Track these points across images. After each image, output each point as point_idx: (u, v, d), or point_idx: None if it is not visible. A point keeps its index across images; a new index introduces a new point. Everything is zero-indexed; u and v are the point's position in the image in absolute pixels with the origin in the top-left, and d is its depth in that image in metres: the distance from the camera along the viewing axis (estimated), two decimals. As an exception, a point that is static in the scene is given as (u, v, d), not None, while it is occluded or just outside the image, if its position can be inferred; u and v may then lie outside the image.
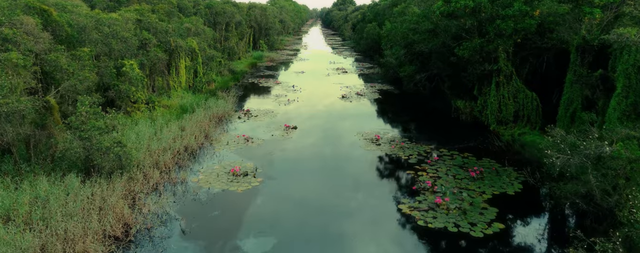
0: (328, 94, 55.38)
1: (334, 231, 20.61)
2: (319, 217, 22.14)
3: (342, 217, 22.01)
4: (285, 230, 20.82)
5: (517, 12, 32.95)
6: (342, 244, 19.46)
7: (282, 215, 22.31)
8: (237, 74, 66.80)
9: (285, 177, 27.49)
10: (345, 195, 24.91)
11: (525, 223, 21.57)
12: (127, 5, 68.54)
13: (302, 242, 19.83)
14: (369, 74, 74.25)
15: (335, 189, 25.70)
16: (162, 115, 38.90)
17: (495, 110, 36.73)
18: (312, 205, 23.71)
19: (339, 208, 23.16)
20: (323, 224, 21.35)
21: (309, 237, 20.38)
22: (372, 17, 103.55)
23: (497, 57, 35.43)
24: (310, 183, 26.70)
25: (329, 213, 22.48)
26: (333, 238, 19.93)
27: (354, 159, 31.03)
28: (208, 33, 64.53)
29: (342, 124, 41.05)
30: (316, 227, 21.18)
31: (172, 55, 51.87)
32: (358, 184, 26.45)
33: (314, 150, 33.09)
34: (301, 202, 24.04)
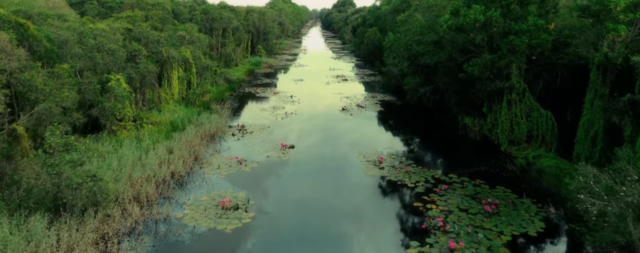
0: (328, 106, 52.61)
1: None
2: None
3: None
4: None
5: (532, 26, 30.19)
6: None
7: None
8: (234, 83, 64.01)
9: (280, 211, 24.73)
10: (347, 233, 22.17)
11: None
12: (119, 12, 65.82)
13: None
14: (370, 82, 71.47)
15: (335, 227, 22.95)
16: (150, 133, 36.11)
17: (507, 129, 33.96)
18: (308, 248, 20.95)
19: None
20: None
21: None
22: (373, 22, 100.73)
23: (509, 74, 32.65)
24: (307, 219, 23.96)
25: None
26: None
27: (355, 187, 28.26)
28: (203, 41, 61.75)
29: (342, 141, 38.28)
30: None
31: (164, 66, 49.14)
32: (361, 220, 23.70)
33: (311, 176, 30.32)
34: (296, 244, 21.27)
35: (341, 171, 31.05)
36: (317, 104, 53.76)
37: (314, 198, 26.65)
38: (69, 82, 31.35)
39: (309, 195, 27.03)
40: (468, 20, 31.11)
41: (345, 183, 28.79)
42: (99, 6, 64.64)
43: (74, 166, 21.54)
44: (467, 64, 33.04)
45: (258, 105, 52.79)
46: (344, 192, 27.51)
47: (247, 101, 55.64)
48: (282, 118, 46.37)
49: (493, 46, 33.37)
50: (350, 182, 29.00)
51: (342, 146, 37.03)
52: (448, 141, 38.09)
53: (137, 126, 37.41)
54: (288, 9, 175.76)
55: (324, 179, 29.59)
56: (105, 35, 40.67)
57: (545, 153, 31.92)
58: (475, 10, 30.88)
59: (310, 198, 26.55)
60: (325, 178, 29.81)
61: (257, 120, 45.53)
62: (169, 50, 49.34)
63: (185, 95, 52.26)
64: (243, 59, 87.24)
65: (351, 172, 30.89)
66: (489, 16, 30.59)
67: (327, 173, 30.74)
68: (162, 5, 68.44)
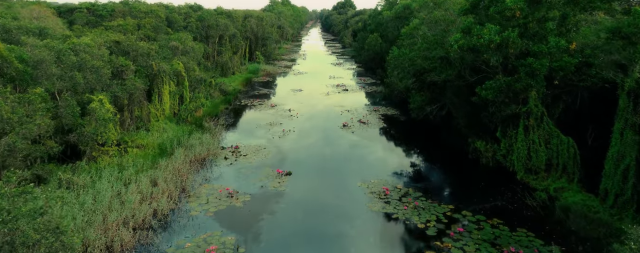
0: (327, 121, 49.46)
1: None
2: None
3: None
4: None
5: (553, 48, 27.01)
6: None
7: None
8: (229, 94, 60.84)
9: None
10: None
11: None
12: (110, 20, 62.72)
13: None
14: (372, 92, 68.30)
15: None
16: (134, 159, 32.97)
17: (524, 157, 30.81)
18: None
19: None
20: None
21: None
22: (373, 28, 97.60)
23: (527, 98, 29.49)
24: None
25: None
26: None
27: (358, 230, 25.10)
28: (198, 51, 58.56)
29: (343, 166, 35.13)
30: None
31: (155, 80, 46.00)
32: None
33: (309, 214, 27.14)
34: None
35: (342, 207, 27.87)
36: (317, 119, 50.61)
37: (311, 244, 23.50)
38: (42, 107, 28.25)
39: (306, 241, 23.89)
40: (482, 41, 27.90)
41: (346, 225, 25.62)
42: (89, 14, 61.53)
43: (32, 218, 18.38)
44: (480, 87, 29.88)
45: (254, 121, 49.61)
46: (345, 236, 24.35)
47: (243, 116, 52.47)
48: (279, 137, 43.21)
49: (508, 67, 30.22)
50: (353, 222, 25.84)
51: (343, 172, 33.88)
52: (458, 166, 34.94)
53: (121, 150, 34.25)
54: (287, 12, 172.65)
55: (323, 218, 26.43)
56: (89, 51, 37.58)
57: (568, 185, 28.76)
58: (490, 30, 27.73)
59: (307, 245, 23.40)
60: (324, 216, 26.64)
61: (253, 139, 42.38)
62: (159, 63, 46.20)
63: (178, 110, 49.16)
64: (240, 67, 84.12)
65: (353, 207, 27.73)
66: (505, 37, 27.41)
67: (326, 210, 27.56)
68: (155, 13, 65.37)
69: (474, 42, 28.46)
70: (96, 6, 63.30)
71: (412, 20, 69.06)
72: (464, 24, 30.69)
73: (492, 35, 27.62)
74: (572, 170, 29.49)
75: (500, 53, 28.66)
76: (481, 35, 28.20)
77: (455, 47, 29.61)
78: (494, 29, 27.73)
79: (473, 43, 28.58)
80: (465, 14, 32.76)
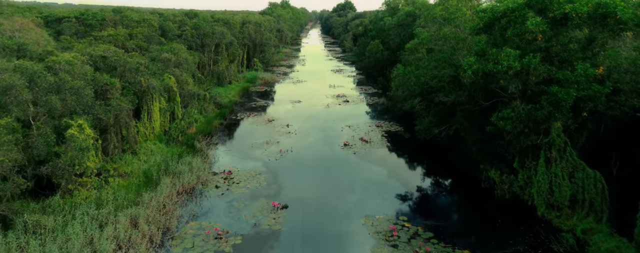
0: (327, 139, 46.28)
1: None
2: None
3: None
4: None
5: (581, 76, 23.79)
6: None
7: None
8: (224, 107, 57.59)
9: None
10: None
11: None
12: (100, 30, 59.48)
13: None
14: (374, 104, 65.05)
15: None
16: (116, 191, 29.78)
17: (545, 191, 27.62)
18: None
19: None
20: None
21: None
22: (375, 34, 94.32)
23: (549, 128, 26.26)
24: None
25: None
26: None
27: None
28: (192, 62, 55.31)
29: (344, 198, 31.92)
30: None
31: (144, 97, 42.82)
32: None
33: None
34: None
35: (344, 251, 24.69)
36: (316, 137, 47.43)
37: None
38: (8, 140, 25.06)
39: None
40: (499, 68, 24.65)
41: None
42: (78, 24, 58.29)
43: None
44: (496, 115, 26.64)
45: (249, 138, 46.38)
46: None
47: (238, 133, 49.25)
48: (276, 159, 40.00)
49: (528, 92, 27.00)
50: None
51: (344, 205, 30.69)
52: (471, 198, 31.75)
53: (101, 181, 31.03)
54: (286, 15, 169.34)
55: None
56: (70, 70, 34.43)
57: (596, 225, 25.58)
58: (509, 56, 24.51)
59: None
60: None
61: (247, 161, 39.19)
62: (149, 79, 42.99)
63: (169, 128, 45.98)
64: (237, 75, 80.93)
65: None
66: (526, 63, 24.17)
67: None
68: (148, 21, 62.16)
69: (490, 68, 25.23)
70: (86, 15, 59.99)
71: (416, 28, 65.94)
72: (477, 46, 27.51)
73: (510, 61, 24.39)
74: (600, 207, 26.29)
75: (519, 80, 25.43)
76: (498, 60, 24.96)
77: (469, 72, 26.36)
78: (513, 54, 24.53)
79: (489, 68, 25.35)
80: (478, 33, 29.54)
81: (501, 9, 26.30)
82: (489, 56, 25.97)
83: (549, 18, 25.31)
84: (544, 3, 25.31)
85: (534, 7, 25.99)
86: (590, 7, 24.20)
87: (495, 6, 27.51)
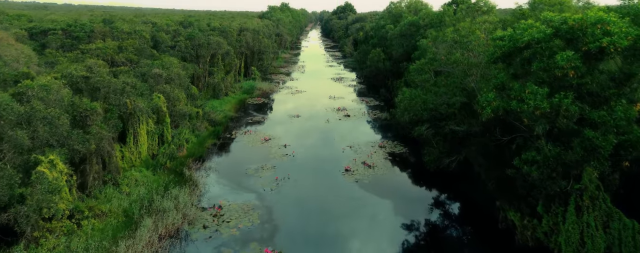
0: (327, 163, 42.83)
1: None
2: None
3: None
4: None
5: (621, 120, 20.32)
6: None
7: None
8: (218, 124, 54.11)
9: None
10: None
11: None
12: (88, 42, 56.02)
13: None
14: (376, 118, 61.54)
15: None
16: (88, 238, 26.33)
17: (575, 242, 24.13)
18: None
19: None
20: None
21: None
22: (376, 42, 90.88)
23: (580, 174, 22.80)
24: None
25: None
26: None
27: None
28: (184, 78, 51.76)
29: (346, 241, 28.44)
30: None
31: (130, 120, 39.41)
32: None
33: None
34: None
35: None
36: (315, 160, 43.97)
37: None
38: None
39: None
40: (525, 107, 21.16)
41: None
42: (64, 36, 54.76)
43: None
44: (519, 158, 23.15)
45: (244, 162, 42.90)
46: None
47: (231, 155, 45.75)
48: (272, 189, 36.58)
49: (554, 131, 23.52)
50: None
51: (347, 250, 27.20)
52: (489, 242, 28.32)
53: (73, 225, 27.53)
54: (286, 19, 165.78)
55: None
56: (44, 96, 31.04)
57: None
58: (536, 95, 21.01)
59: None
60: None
61: (240, 192, 35.75)
62: (135, 100, 39.55)
63: (157, 151, 42.52)
64: (234, 85, 77.44)
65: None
66: (556, 103, 20.70)
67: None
68: (139, 33, 58.65)
69: (514, 107, 21.74)
70: (73, 27, 56.46)
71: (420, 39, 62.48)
72: (496, 79, 24.03)
73: (538, 101, 20.91)
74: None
75: (547, 121, 21.96)
76: (523, 98, 21.47)
77: (488, 110, 22.86)
78: (540, 93, 21.04)
79: (512, 107, 21.85)
80: (494, 62, 26.04)
81: (525, 39, 22.81)
82: (510, 92, 22.47)
83: (582, 51, 21.84)
84: (575, 34, 21.84)
85: (562, 37, 22.52)
86: (630, 40, 20.73)
87: (516, 34, 24.00)
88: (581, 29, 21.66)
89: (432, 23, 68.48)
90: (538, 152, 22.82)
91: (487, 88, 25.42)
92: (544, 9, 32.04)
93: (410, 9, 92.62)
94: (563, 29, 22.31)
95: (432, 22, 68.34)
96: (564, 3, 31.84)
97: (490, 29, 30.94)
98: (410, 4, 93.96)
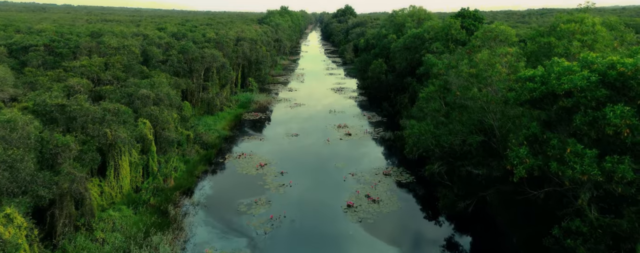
0: (328, 196, 38.88)
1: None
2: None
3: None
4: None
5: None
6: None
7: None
8: (211, 147, 50.14)
9: None
10: None
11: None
12: (72, 58, 52.04)
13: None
14: (380, 139, 57.46)
15: None
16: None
17: None
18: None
19: None
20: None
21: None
22: (378, 52, 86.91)
23: (634, 248, 18.83)
24: None
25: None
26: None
27: None
28: (175, 98, 47.71)
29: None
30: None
31: (110, 151, 35.51)
32: None
33: None
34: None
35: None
36: (314, 191, 40.05)
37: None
38: None
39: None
40: (569, 173, 17.21)
41: None
42: (46, 53, 50.71)
43: None
44: (560, 229, 19.18)
45: (235, 195, 38.87)
46: None
47: (223, 186, 41.74)
48: (265, 231, 32.67)
49: (600, 194, 19.54)
50: None
51: None
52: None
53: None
54: (285, 24, 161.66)
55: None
56: (6, 134, 27.13)
57: None
58: (582, 156, 17.02)
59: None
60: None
61: (229, 236, 31.85)
62: (117, 130, 35.60)
63: (141, 183, 38.63)
64: (231, 97, 73.50)
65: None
66: (609, 170, 16.75)
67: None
68: (128, 48, 54.61)
69: (554, 170, 17.78)
70: (56, 43, 52.36)
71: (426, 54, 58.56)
72: (528, 129, 20.05)
73: (585, 166, 16.94)
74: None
75: (594, 187, 18.00)
76: (564, 159, 17.51)
77: (521, 171, 18.89)
78: (589, 155, 17.06)
79: (552, 170, 17.90)
80: (522, 104, 22.08)
81: (564, 87, 18.83)
82: (547, 148, 18.50)
83: (637, 105, 17.90)
84: (627, 83, 17.89)
85: (610, 85, 18.56)
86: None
87: (550, 78, 20.02)
88: (635, 78, 17.77)
89: (437, 36, 64.59)
90: (582, 220, 18.85)
91: (516, 137, 21.48)
92: (573, 39, 28.07)
93: (413, 17, 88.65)
94: (611, 75, 18.41)
95: (437, 35, 64.45)
96: (597, 32, 27.90)
97: (512, 62, 26.98)
98: (413, 13, 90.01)
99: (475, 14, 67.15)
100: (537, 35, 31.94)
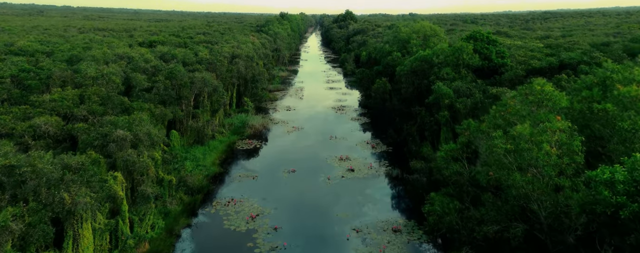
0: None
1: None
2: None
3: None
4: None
5: None
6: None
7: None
8: (197, 192, 43.80)
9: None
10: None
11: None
12: (42, 91, 45.67)
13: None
14: (386, 176, 51.08)
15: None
16: None
17: None
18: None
19: None
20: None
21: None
22: (381, 70, 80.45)
23: None
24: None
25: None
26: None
27: None
28: (157, 137, 41.36)
29: None
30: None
31: (68, 220, 29.27)
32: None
33: None
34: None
35: None
36: None
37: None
38: None
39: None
40: None
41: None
42: (13, 85, 44.30)
43: None
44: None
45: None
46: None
47: (205, 247, 35.39)
48: None
49: None
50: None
51: None
52: None
53: None
54: (283, 32, 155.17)
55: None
56: None
57: None
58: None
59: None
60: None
61: None
62: (77, 192, 29.27)
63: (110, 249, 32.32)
64: (224, 121, 67.14)
65: None
66: None
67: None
68: (108, 77, 48.24)
69: None
70: (24, 74, 45.89)
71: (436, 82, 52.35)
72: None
73: None
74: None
75: None
76: None
77: None
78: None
79: None
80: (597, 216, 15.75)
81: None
82: None
83: None
84: None
85: None
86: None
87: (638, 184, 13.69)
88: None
89: (447, 61, 58.30)
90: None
91: None
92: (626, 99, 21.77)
93: (418, 34, 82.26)
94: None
95: (447, 59, 58.15)
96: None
97: (564, 140, 20.45)
98: (418, 29, 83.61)
99: (489, 37, 60.86)
100: (583, 87, 25.53)
